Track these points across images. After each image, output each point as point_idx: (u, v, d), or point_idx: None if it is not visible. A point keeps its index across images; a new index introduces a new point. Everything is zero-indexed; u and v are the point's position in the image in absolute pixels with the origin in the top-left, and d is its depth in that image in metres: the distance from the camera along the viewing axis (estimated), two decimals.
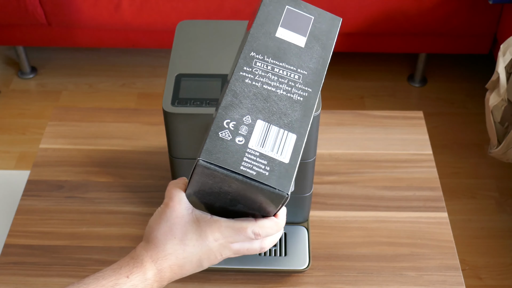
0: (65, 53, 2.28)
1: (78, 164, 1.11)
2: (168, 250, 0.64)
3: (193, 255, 0.65)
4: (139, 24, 1.93)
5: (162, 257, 0.65)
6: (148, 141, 1.15)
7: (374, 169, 1.10)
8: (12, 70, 2.23)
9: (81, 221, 1.02)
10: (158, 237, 0.65)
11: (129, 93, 2.13)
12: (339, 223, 1.02)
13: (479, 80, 2.14)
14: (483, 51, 1.98)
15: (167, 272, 0.65)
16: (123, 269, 0.64)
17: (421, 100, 2.08)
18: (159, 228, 0.65)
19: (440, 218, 1.02)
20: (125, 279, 0.64)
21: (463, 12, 1.86)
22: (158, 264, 0.65)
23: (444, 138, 1.93)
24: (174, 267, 0.65)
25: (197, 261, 0.66)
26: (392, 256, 0.97)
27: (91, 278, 0.65)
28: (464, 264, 1.58)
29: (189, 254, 0.65)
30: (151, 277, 0.64)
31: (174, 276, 0.66)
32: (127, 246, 0.98)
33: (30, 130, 2.00)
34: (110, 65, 2.24)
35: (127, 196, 1.06)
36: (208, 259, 0.66)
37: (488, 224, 1.68)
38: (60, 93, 2.13)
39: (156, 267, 0.64)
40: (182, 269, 0.66)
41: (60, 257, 0.97)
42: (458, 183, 1.79)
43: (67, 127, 1.18)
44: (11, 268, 0.96)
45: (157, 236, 0.65)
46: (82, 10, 1.90)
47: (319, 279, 0.94)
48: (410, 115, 1.20)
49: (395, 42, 1.98)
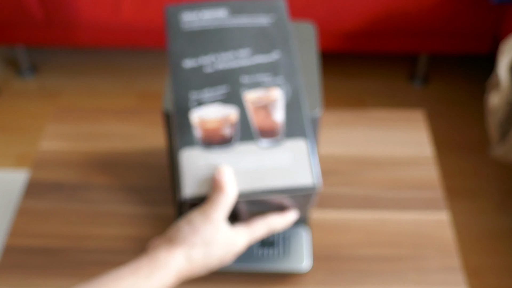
0: (65, 53, 2.28)
1: (78, 164, 1.11)
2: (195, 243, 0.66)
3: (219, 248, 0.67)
4: (139, 24, 1.93)
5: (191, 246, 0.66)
6: (148, 142, 1.15)
7: (374, 169, 1.10)
8: (12, 70, 2.23)
9: (81, 222, 1.02)
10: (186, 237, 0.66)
11: (129, 93, 2.13)
12: (339, 223, 1.02)
13: (480, 80, 2.14)
14: (483, 51, 1.98)
15: (196, 257, 0.66)
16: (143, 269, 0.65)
17: (421, 100, 2.08)
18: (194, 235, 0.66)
19: (441, 219, 1.02)
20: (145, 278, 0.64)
21: (464, 12, 1.86)
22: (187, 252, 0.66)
23: (444, 138, 1.93)
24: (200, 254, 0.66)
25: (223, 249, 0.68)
26: (393, 257, 0.97)
27: (107, 279, 0.64)
28: (465, 265, 1.58)
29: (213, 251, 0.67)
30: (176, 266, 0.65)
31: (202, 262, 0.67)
32: (127, 247, 0.98)
33: (29, 130, 2.00)
34: (110, 65, 2.24)
35: (127, 196, 1.06)
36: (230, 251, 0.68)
37: (489, 224, 1.68)
38: (60, 93, 2.13)
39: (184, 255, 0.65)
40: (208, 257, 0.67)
41: (60, 258, 0.97)
42: (459, 183, 1.79)
43: (67, 127, 1.18)
44: (11, 269, 0.95)
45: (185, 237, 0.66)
46: (82, 10, 1.90)
47: (319, 280, 0.94)
48: (411, 115, 1.20)
49: (395, 42, 1.98)
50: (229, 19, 0.74)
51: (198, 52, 0.72)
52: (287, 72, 0.72)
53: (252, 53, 0.72)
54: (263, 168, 0.68)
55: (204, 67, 0.72)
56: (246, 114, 0.70)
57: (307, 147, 0.69)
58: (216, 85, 0.71)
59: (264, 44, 0.73)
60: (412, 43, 1.98)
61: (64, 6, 1.89)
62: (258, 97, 0.71)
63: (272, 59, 0.72)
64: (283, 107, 0.70)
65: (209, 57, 0.72)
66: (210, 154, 0.69)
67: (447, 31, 1.92)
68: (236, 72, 0.72)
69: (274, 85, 0.71)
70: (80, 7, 1.89)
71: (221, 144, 0.69)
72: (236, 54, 0.72)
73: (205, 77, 0.71)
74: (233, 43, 0.73)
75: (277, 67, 0.72)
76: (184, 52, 0.73)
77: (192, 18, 0.74)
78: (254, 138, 0.69)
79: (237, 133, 0.70)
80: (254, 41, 0.73)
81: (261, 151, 0.69)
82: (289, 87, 0.71)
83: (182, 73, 0.72)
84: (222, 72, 0.72)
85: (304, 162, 0.69)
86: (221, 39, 0.73)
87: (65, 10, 1.90)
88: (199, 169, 0.68)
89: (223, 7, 0.74)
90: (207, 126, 0.69)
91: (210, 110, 0.70)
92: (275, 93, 0.71)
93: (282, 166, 0.68)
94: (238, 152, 0.69)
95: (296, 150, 0.69)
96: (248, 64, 0.72)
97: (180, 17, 0.74)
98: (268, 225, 0.70)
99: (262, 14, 0.74)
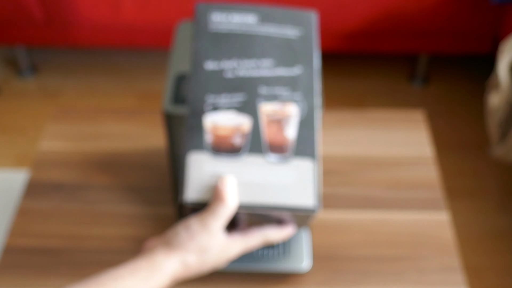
0: (65, 53, 2.28)
1: (78, 164, 1.11)
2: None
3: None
4: (139, 24, 1.93)
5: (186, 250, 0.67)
6: (148, 142, 1.15)
7: (374, 169, 1.10)
8: (12, 70, 2.22)
9: (81, 222, 1.02)
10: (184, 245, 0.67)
11: (129, 93, 2.13)
12: (339, 223, 1.02)
13: (479, 80, 2.14)
14: (483, 51, 1.98)
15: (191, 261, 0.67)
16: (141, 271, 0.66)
17: (421, 100, 2.08)
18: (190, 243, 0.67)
19: (441, 219, 1.02)
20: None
21: (464, 12, 1.86)
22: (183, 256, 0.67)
23: (444, 138, 1.93)
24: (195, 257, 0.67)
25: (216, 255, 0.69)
26: (393, 257, 0.97)
27: (106, 278, 0.65)
28: (465, 265, 1.58)
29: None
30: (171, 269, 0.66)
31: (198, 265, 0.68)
32: (127, 247, 0.98)
33: (29, 130, 2.00)
34: (110, 65, 2.24)
35: (127, 196, 1.05)
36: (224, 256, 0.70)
37: (489, 224, 1.68)
38: (60, 93, 2.13)
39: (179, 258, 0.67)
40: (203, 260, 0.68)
41: (60, 258, 0.97)
42: (459, 183, 1.79)
43: (67, 127, 1.18)
44: (11, 269, 0.95)
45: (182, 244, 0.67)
46: (82, 10, 1.90)
47: (319, 280, 0.94)
48: (411, 115, 1.20)
49: (395, 42, 1.98)
50: (257, 26, 0.73)
51: (221, 55, 0.72)
52: (305, 89, 0.71)
53: (274, 65, 0.72)
54: (266, 183, 0.68)
55: (225, 71, 0.71)
56: (259, 125, 0.70)
57: (313, 168, 0.69)
58: (234, 91, 0.71)
59: (288, 57, 0.72)
60: (412, 43, 1.98)
61: (64, 6, 1.89)
62: (273, 110, 0.70)
63: (293, 74, 0.72)
64: (296, 124, 0.70)
65: (232, 62, 0.72)
66: (217, 161, 0.69)
67: (447, 31, 1.92)
68: (255, 82, 0.71)
69: (291, 100, 0.71)
70: (80, 7, 1.89)
71: (230, 152, 0.69)
72: (258, 63, 0.72)
73: (225, 82, 0.71)
74: (257, 51, 0.72)
75: (296, 82, 0.71)
76: (207, 53, 0.72)
77: (221, 19, 0.73)
78: (263, 151, 0.69)
79: (247, 144, 0.69)
80: (278, 52, 0.72)
81: (267, 166, 0.69)
82: (306, 105, 0.71)
83: (202, 74, 0.71)
84: (241, 79, 0.71)
85: (308, 183, 0.69)
86: (246, 45, 0.72)
87: (65, 10, 1.90)
88: (204, 175, 0.68)
89: (253, 12, 0.73)
90: (219, 132, 0.69)
91: (224, 117, 0.70)
92: (291, 109, 0.70)
93: (286, 184, 0.68)
94: (245, 164, 0.69)
95: (302, 170, 0.69)
96: (268, 75, 0.71)
97: (210, 16, 0.73)
98: (264, 236, 0.71)
99: (291, 25, 0.73)
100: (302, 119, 0.70)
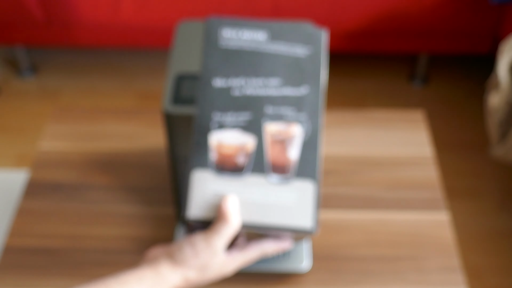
0: (65, 53, 2.28)
1: (78, 164, 1.11)
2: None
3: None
4: (139, 24, 1.93)
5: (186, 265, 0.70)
6: (147, 142, 1.15)
7: (374, 169, 1.10)
8: (12, 70, 2.23)
9: (81, 222, 1.02)
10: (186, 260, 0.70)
11: (129, 93, 2.13)
12: (339, 223, 1.02)
13: (479, 80, 2.14)
14: (483, 51, 1.98)
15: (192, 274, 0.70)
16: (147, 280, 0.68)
17: (421, 100, 2.08)
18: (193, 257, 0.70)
19: (441, 219, 1.02)
20: None
21: (464, 12, 1.86)
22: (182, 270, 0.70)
23: (444, 138, 1.93)
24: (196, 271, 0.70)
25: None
26: (393, 257, 0.97)
27: (113, 282, 0.68)
28: (465, 265, 1.58)
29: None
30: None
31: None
32: (127, 247, 0.98)
33: (29, 130, 2.00)
34: (110, 65, 2.24)
35: (127, 196, 1.05)
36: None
37: (489, 224, 1.68)
38: (60, 93, 2.13)
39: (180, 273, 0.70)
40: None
41: (60, 258, 0.97)
42: (459, 183, 1.79)
43: (67, 127, 1.18)
44: (11, 269, 0.95)
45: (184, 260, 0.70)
46: (82, 10, 1.90)
47: (319, 280, 0.94)
48: (411, 115, 1.20)
49: (395, 42, 1.98)
50: (266, 44, 0.73)
51: (230, 72, 0.72)
52: (311, 110, 0.72)
53: (281, 84, 0.72)
54: (266, 204, 0.70)
55: (232, 89, 0.72)
56: (263, 145, 0.71)
57: (313, 190, 0.70)
58: (240, 110, 0.71)
59: (295, 77, 0.72)
60: (412, 43, 1.98)
61: (64, 6, 1.89)
62: (278, 130, 0.71)
63: (300, 94, 0.72)
64: (299, 145, 0.71)
65: (239, 80, 0.72)
66: (220, 180, 0.70)
67: (447, 31, 1.92)
68: (262, 101, 0.72)
69: (296, 121, 0.71)
70: (80, 7, 1.89)
71: (233, 171, 0.70)
72: (266, 82, 0.72)
73: (232, 100, 0.71)
74: (266, 70, 0.72)
75: (302, 103, 0.72)
76: (216, 70, 0.72)
77: (232, 35, 0.73)
78: (265, 171, 0.70)
79: (251, 163, 0.70)
80: (286, 71, 0.73)
81: (269, 186, 0.70)
82: (310, 126, 0.71)
83: (210, 91, 0.72)
84: (248, 98, 0.72)
85: (308, 205, 0.70)
86: (255, 63, 0.73)
87: (65, 10, 1.90)
88: (207, 193, 0.70)
89: (263, 29, 0.74)
90: (223, 151, 0.70)
91: (229, 135, 0.71)
92: (295, 130, 0.71)
93: (286, 205, 0.70)
94: (247, 183, 0.70)
95: (302, 192, 0.70)
96: (275, 94, 0.72)
97: (220, 32, 0.74)
98: (261, 250, 0.73)
99: (300, 43, 0.73)
100: (305, 140, 0.71)
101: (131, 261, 0.96)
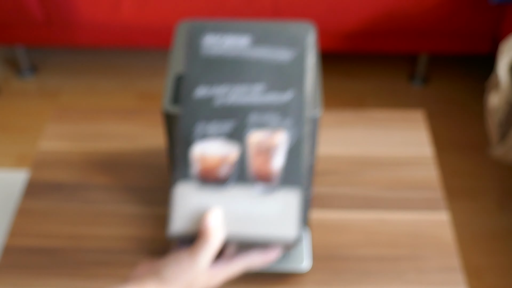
0: (65, 53, 2.28)
1: (78, 164, 1.11)
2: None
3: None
4: (139, 24, 1.93)
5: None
6: (147, 142, 1.15)
7: (374, 169, 1.10)
8: (12, 70, 2.23)
9: (81, 222, 1.02)
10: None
11: (129, 93, 2.13)
12: (339, 223, 1.02)
13: (480, 80, 2.14)
14: (483, 51, 1.98)
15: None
16: None
17: (421, 100, 2.08)
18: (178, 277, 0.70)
19: (441, 219, 1.02)
20: None
21: (464, 12, 1.86)
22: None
23: (445, 138, 1.93)
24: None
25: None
26: (393, 257, 0.97)
27: None
28: (465, 265, 1.58)
29: None
30: None
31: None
32: (127, 247, 0.98)
33: (29, 130, 2.00)
34: (110, 65, 2.24)
35: (127, 196, 1.06)
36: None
37: (489, 224, 1.68)
38: (60, 93, 2.13)
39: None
40: None
41: (60, 258, 0.97)
42: (459, 183, 1.79)
43: (67, 127, 1.18)
44: (11, 269, 0.96)
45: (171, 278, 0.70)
46: (82, 10, 1.90)
47: (319, 280, 0.94)
48: (411, 115, 1.20)
49: (395, 42, 1.98)
50: (250, 49, 0.72)
51: (212, 80, 0.71)
52: (295, 115, 0.71)
53: (265, 89, 0.71)
54: (251, 215, 0.69)
55: (215, 97, 0.71)
56: (246, 154, 0.70)
57: (298, 199, 0.69)
58: (223, 118, 0.70)
59: (280, 82, 0.71)
60: (412, 43, 1.98)
61: (64, 6, 1.89)
62: (261, 140, 0.70)
63: (284, 99, 0.71)
64: (284, 152, 0.70)
65: (223, 88, 0.71)
66: (203, 192, 0.69)
67: (447, 31, 1.92)
68: (245, 109, 0.70)
69: (280, 127, 0.70)
70: (80, 7, 1.89)
71: (217, 182, 0.69)
72: (250, 88, 0.71)
73: (215, 109, 0.70)
74: (249, 76, 0.71)
75: (287, 108, 0.71)
76: (199, 78, 0.72)
77: (214, 41, 0.72)
78: (249, 181, 0.69)
79: (234, 173, 0.69)
80: (270, 77, 0.71)
81: (253, 197, 0.69)
82: (295, 132, 0.70)
83: (193, 101, 0.71)
84: (232, 107, 0.71)
85: (292, 214, 0.69)
86: (238, 70, 0.71)
87: (65, 10, 1.90)
88: (190, 207, 0.69)
89: (247, 34, 0.72)
90: (206, 162, 0.69)
91: (212, 146, 0.70)
92: (279, 137, 0.70)
93: (270, 215, 0.69)
94: (231, 195, 0.69)
95: (287, 201, 0.69)
96: (259, 100, 0.71)
97: (202, 40, 0.72)
98: (247, 263, 0.72)
99: (284, 46, 0.72)
100: (291, 146, 0.70)
101: (131, 261, 0.96)
